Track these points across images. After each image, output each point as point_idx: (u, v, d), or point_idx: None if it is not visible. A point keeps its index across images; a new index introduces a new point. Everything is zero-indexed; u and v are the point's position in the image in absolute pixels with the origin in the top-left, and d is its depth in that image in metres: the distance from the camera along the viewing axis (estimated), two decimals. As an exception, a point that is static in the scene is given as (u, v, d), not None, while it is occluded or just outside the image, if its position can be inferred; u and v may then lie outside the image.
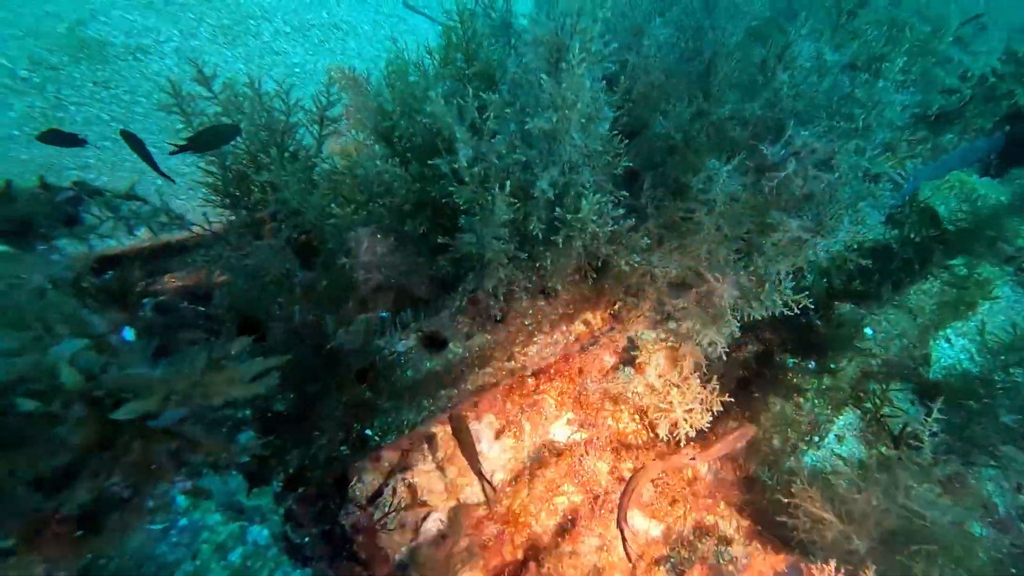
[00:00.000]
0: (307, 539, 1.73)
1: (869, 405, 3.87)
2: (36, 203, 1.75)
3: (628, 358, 4.17)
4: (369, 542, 2.57)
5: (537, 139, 1.85)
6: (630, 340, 3.99)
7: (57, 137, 2.46)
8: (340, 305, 1.97)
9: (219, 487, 1.62)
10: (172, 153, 2.03)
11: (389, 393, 2.33)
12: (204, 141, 2.09)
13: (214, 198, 2.57)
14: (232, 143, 2.49)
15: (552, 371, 3.77)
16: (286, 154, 2.54)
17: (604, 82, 1.96)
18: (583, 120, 1.75)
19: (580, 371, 3.80)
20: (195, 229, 2.12)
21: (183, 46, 6.41)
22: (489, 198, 1.91)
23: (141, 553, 1.29)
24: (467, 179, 1.89)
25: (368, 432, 2.27)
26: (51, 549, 1.10)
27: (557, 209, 1.96)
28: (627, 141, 2.25)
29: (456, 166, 1.85)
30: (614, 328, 3.36)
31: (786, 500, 3.09)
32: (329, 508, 2.09)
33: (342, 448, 2.15)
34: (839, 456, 3.70)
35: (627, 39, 2.52)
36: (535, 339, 3.10)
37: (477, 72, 2.15)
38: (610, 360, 3.97)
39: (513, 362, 2.99)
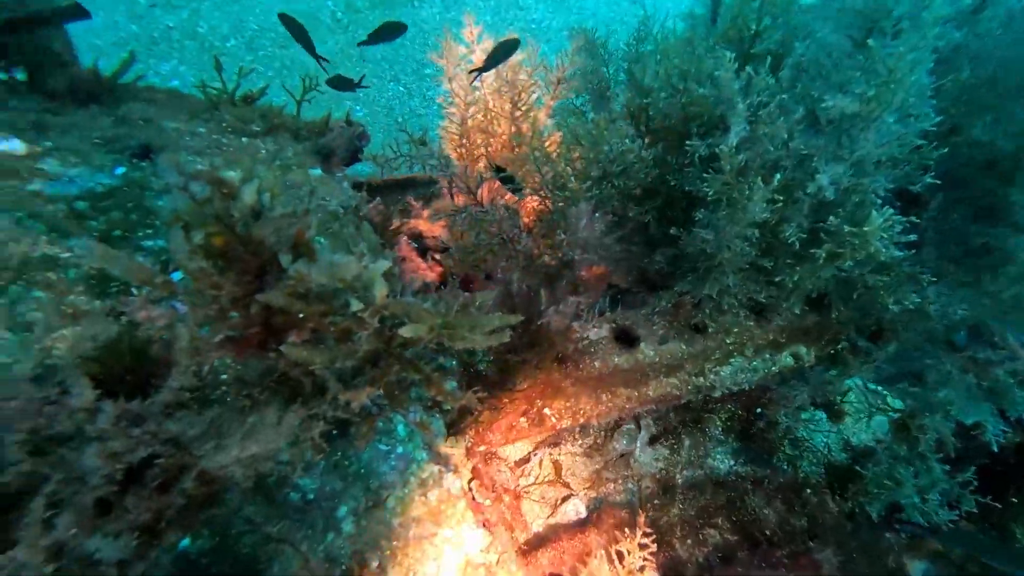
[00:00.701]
0: (488, 501, 1.74)
1: None
2: (341, 135, 2.03)
3: (825, 401, 3.53)
4: (514, 505, 2.57)
5: (830, 127, 1.54)
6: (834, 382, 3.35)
7: (341, 82, 2.90)
8: (555, 282, 1.93)
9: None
10: (360, 43, 2.47)
11: (575, 378, 2.26)
12: (380, 36, 2.43)
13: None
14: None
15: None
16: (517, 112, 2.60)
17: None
18: (910, 99, 1.38)
19: (759, 402, 3.35)
20: (457, 179, 2.29)
21: (448, -5, 7.23)
22: (746, 190, 1.66)
23: (369, 466, 1.38)
24: (727, 167, 1.66)
25: (547, 411, 2.24)
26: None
27: (831, 218, 1.62)
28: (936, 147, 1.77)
29: (718, 149, 1.64)
30: (832, 370, 2.82)
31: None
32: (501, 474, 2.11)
33: (522, 420, 2.15)
34: None
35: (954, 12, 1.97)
36: (731, 360, 2.74)
37: (760, 52, 1.88)
38: (803, 398, 3.41)
39: (702, 379, 2.69)
